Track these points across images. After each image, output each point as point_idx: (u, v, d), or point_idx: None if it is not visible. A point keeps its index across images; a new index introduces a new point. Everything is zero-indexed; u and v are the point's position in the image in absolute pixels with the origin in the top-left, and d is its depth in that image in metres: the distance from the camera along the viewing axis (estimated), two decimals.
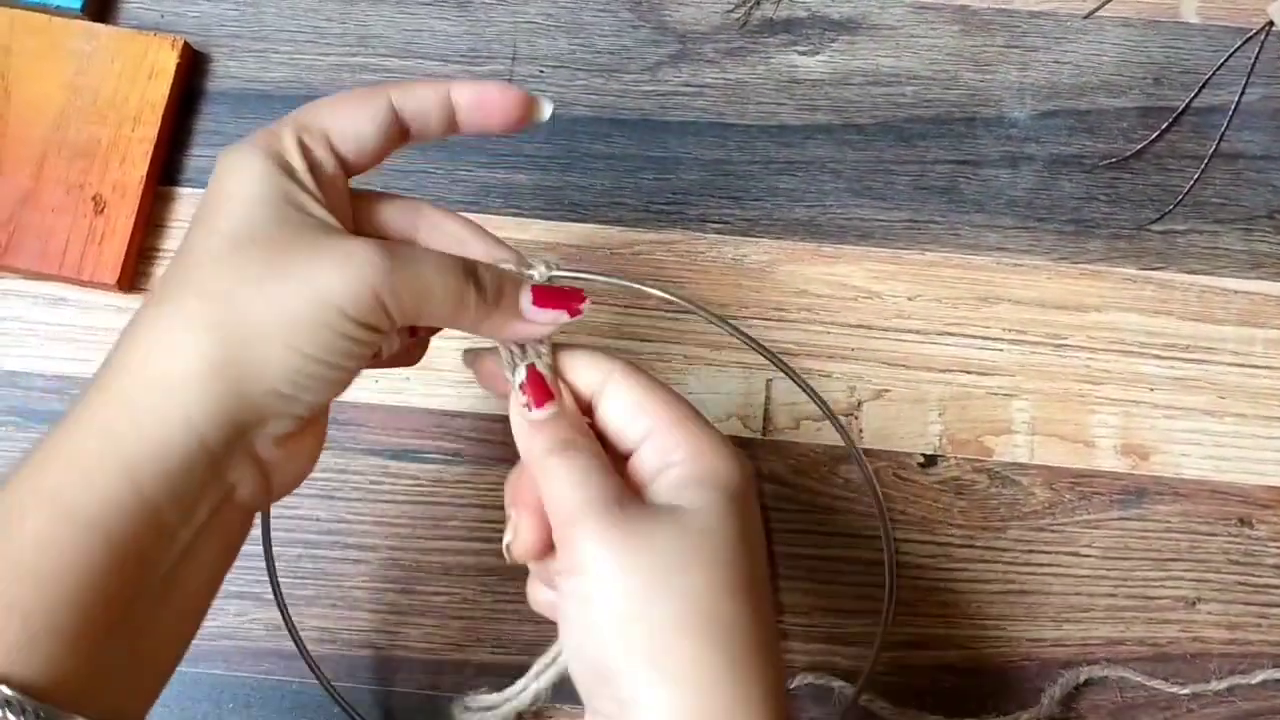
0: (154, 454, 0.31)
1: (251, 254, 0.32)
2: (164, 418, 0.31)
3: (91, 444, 0.31)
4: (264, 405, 0.32)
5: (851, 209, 0.52)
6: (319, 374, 0.33)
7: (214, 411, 0.31)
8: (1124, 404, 0.50)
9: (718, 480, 0.34)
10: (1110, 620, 0.48)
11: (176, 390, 0.31)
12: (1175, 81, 0.54)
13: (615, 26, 0.54)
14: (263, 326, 0.32)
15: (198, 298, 0.32)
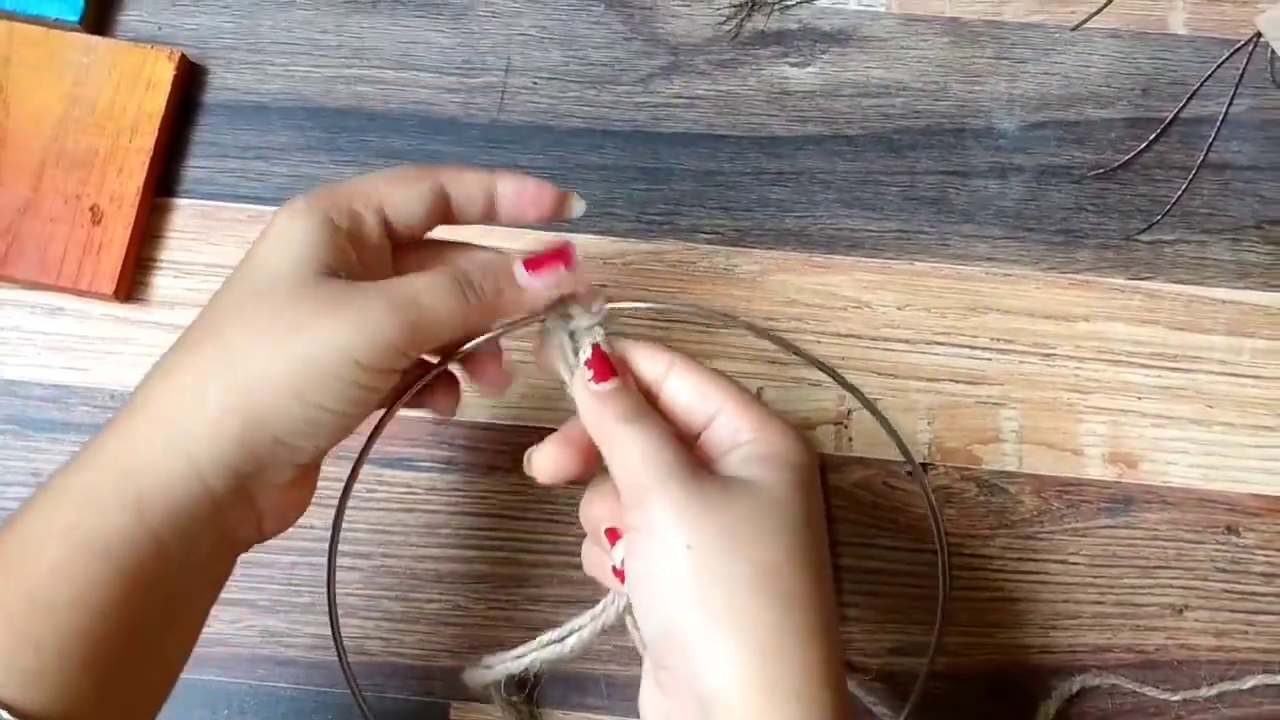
0: (163, 493, 0.33)
1: (271, 308, 0.34)
2: (173, 460, 0.33)
3: (106, 480, 0.33)
4: (267, 454, 0.34)
5: (842, 219, 0.53)
6: (325, 422, 0.35)
7: (219, 458, 0.33)
8: (1112, 413, 0.51)
9: (786, 459, 0.36)
10: (1098, 628, 0.49)
11: (186, 435, 0.33)
12: (1163, 92, 0.54)
13: (608, 39, 0.55)
14: (273, 378, 0.34)
15: (215, 347, 0.34)
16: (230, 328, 0.35)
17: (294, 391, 0.34)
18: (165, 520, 0.33)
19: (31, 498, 0.34)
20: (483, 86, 0.54)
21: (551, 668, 0.41)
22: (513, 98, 0.54)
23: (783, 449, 0.36)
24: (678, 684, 0.34)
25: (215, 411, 0.34)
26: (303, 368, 0.34)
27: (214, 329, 0.35)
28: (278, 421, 0.34)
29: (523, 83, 0.54)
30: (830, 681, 0.33)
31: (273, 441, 0.34)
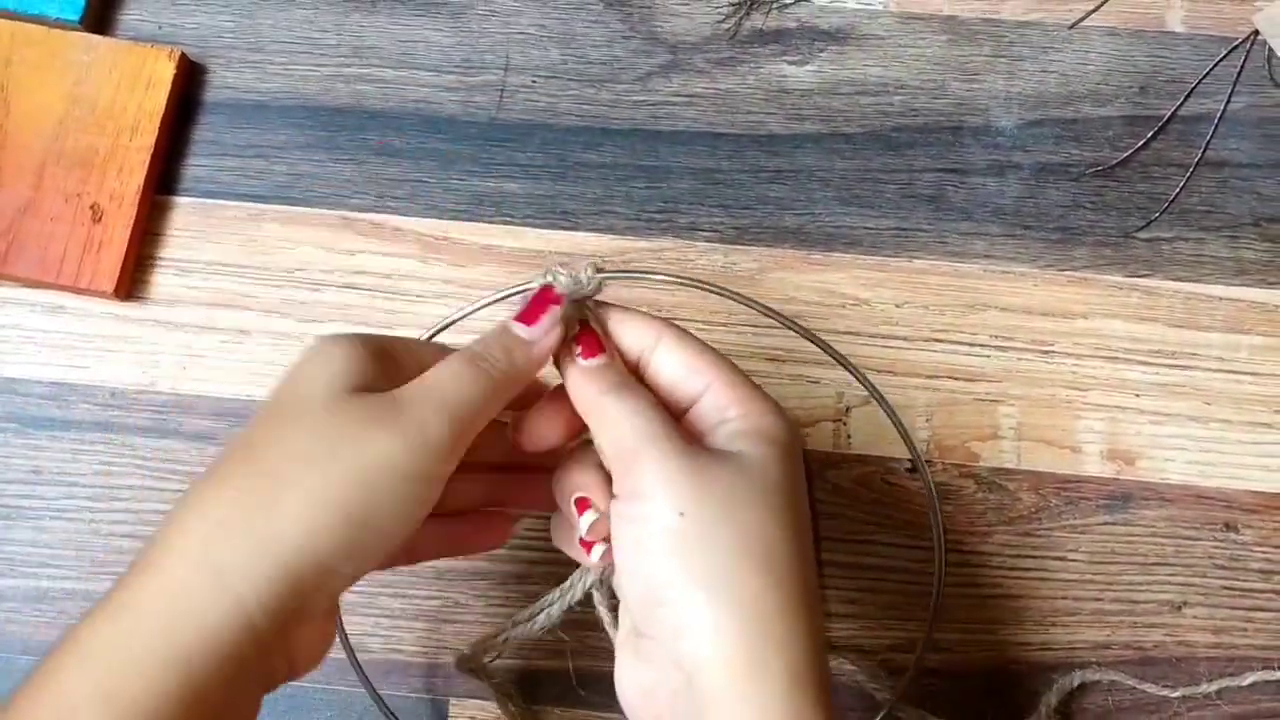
0: (207, 645, 0.31)
1: (309, 428, 0.33)
2: (221, 607, 0.31)
3: (144, 632, 0.31)
4: (314, 584, 0.32)
5: (840, 217, 0.53)
6: (372, 545, 0.33)
7: (267, 597, 0.31)
8: (1110, 410, 0.51)
9: (772, 435, 0.36)
10: (1097, 624, 0.49)
11: (231, 575, 0.31)
12: (1161, 90, 0.54)
13: (607, 37, 0.55)
14: (319, 504, 0.32)
15: (253, 476, 0.32)
16: (267, 456, 0.33)
17: (344, 514, 0.32)
18: (211, 674, 0.31)
19: (65, 648, 0.31)
20: (482, 85, 0.54)
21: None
22: (512, 96, 0.54)
23: (767, 425, 0.36)
24: (661, 652, 0.34)
25: (260, 546, 0.32)
26: (351, 488, 0.32)
27: (247, 458, 0.33)
28: (327, 548, 0.32)
29: (522, 81, 0.54)
30: (812, 652, 0.33)
31: (319, 570, 0.32)
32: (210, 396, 0.51)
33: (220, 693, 0.31)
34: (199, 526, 0.32)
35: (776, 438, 0.36)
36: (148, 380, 0.51)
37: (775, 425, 0.36)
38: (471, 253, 0.52)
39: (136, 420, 0.51)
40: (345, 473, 0.32)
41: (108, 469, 0.50)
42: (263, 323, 0.52)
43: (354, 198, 0.53)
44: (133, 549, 0.49)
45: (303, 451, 0.33)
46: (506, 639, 0.42)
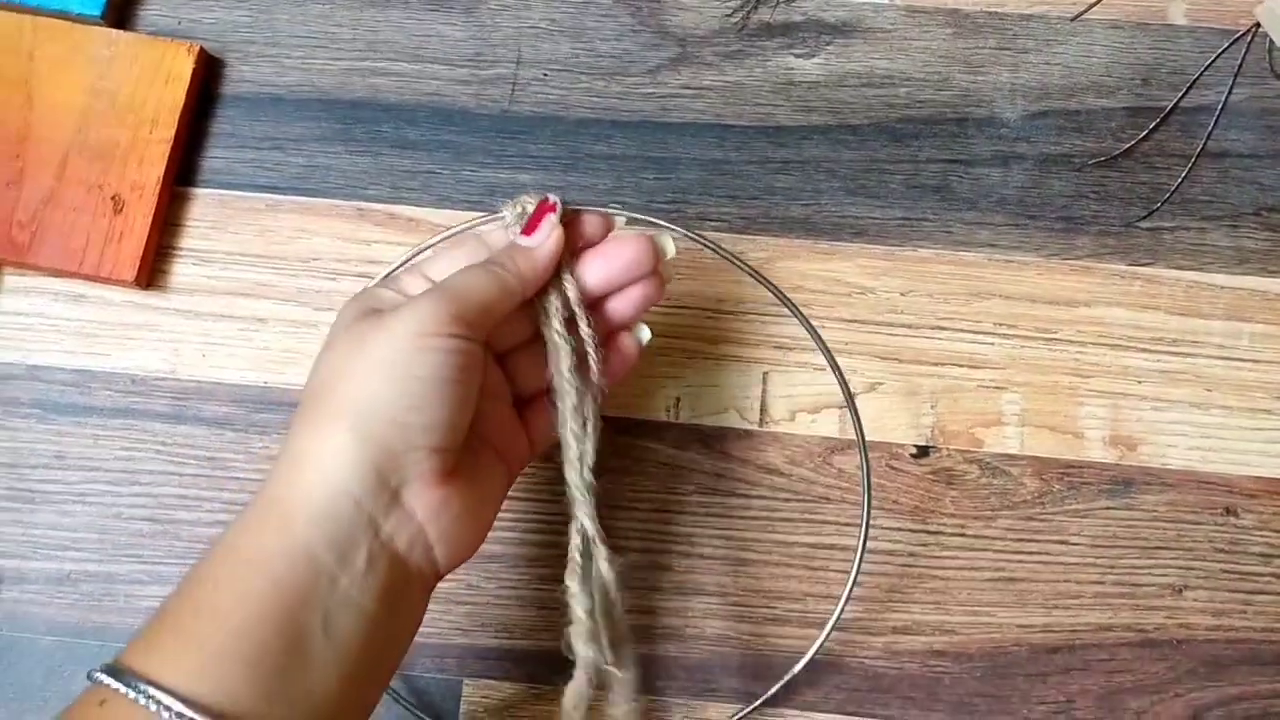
0: (309, 506, 0.36)
1: (344, 337, 0.39)
2: (308, 476, 0.37)
3: (258, 510, 0.37)
4: (392, 439, 0.37)
5: (846, 207, 0.54)
6: (423, 394, 0.38)
7: (349, 461, 0.37)
8: (1112, 396, 0.52)
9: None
10: (1098, 607, 0.50)
11: (310, 452, 0.37)
12: (1163, 82, 0.55)
13: (617, 31, 0.56)
14: (362, 374, 0.38)
15: (313, 391, 0.39)
16: (321, 373, 0.39)
17: (385, 376, 0.38)
18: (312, 531, 0.36)
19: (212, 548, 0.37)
20: (494, 78, 0.55)
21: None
22: (523, 89, 0.55)
23: None
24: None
25: (332, 425, 0.37)
26: (386, 356, 0.38)
27: (311, 383, 0.39)
28: (382, 404, 0.37)
29: (533, 74, 0.55)
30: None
31: (388, 424, 0.37)
32: (229, 383, 0.52)
33: (329, 552, 0.36)
34: (289, 437, 0.38)
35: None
36: (168, 367, 0.52)
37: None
38: None
39: (157, 406, 0.52)
40: (376, 349, 0.38)
41: (129, 454, 0.51)
42: (280, 311, 0.53)
43: (369, 189, 0.54)
44: (153, 532, 0.50)
45: (343, 358, 0.39)
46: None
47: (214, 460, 0.51)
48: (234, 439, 0.51)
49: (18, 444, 0.51)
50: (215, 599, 0.35)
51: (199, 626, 0.35)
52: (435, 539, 0.39)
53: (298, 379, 0.52)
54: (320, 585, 0.36)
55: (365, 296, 0.42)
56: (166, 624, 0.36)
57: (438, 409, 0.38)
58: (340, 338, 0.39)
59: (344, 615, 0.36)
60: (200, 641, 0.34)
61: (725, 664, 0.49)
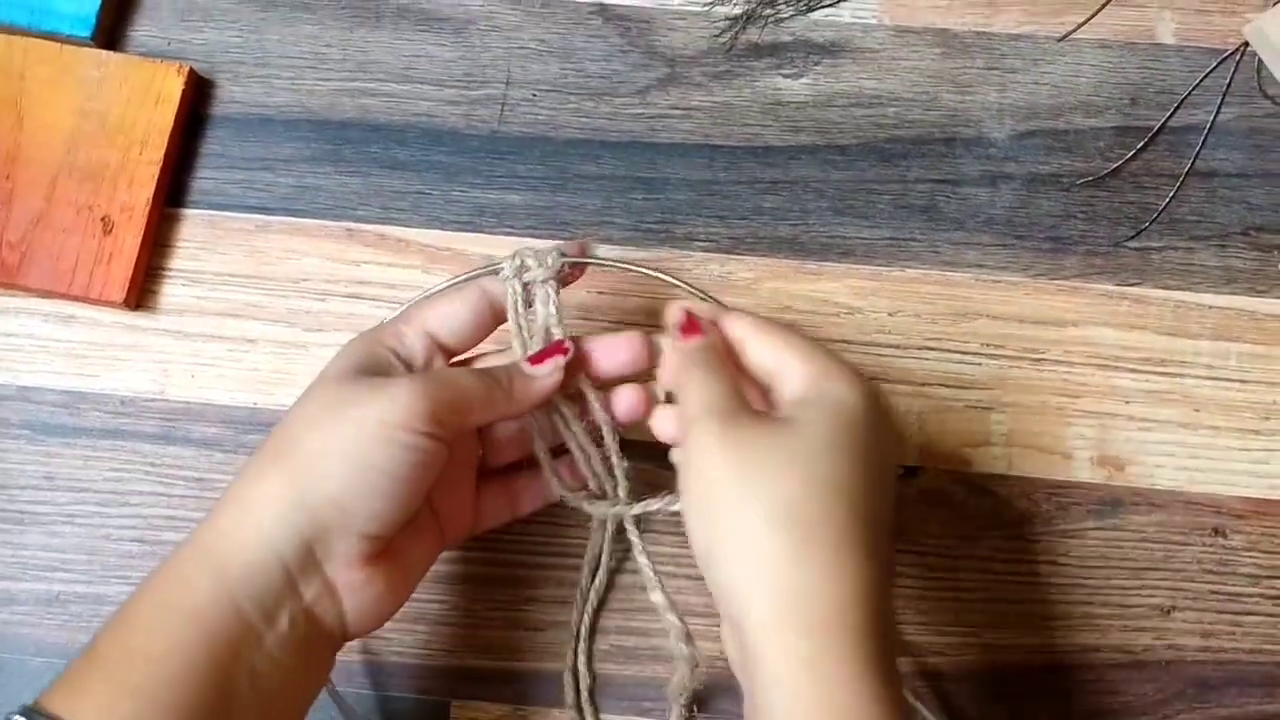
0: (239, 561, 0.37)
1: (320, 399, 0.40)
2: (245, 530, 0.38)
3: (193, 557, 0.38)
4: (328, 517, 0.38)
5: (834, 227, 0.54)
6: (374, 483, 0.38)
7: (282, 523, 0.38)
8: (1100, 416, 0.52)
9: (827, 398, 0.39)
10: (1086, 628, 0.50)
11: (254, 506, 0.38)
12: (1151, 101, 0.55)
13: (605, 51, 0.56)
14: (323, 449, 0.38)
15: (277, 439, 0.39)
16: (289, 423, 0.40)
17: (342, 454, 0.38)
18: (243, 587, 0.37)
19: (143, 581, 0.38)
20: (484, 99, 0.56)
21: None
22: (513, 109, 0.55)
23: (828, 390, 0.39)
24: (722, 610, 0.38)
25: (277, 485, 0.38)
26: (350, 435, 0.38)
27: (278, 429, 0.40)
28: (331, 484, 0.38)
29: (522, 95, 0.56)
30: (849, 615, 0.35)
31: (330, 504, 0.38)
32: (218, 404, 0.52)
33: (256, 610, 0.37)
34: (238, 484, 0.39)
35: (832, 400, 0.39)
36: (157, 388, 0.52)
37: (836, 389, 0.39)
38: (474, 263, 0.53)
39: (146, 427, 0.52)
40: (344, 425, 0.39)
41: (118, 475, 0.51)
42: (269, 332, 0.53)
43: (359, 209, 0.54)
44: (143, 553, 0.50)
45: (315, 415, 0.39)
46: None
47: (203, 481, 0.51)
48: (223, 460, 0.51)
49: (7, 465, 0.51)
50: (148, 646, 0.36)
51: (129, 674, 0.35)
52: (350, 610, 0.40)
53: (287, 400, 0.51)
54: (248, 640, 0.37)
55: (365, 344, 0.42)
56: (95, 667, 0.36)
57: (383, 502, 0.39)
58: (321, 392, 0.40)
59: (267, 670, 0.37)
60: (131, 689, 0.35)
61: (716, 684, 0.49)
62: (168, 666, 0.35)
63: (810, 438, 0.38)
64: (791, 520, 0.36)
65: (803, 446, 0.37)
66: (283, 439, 0.39)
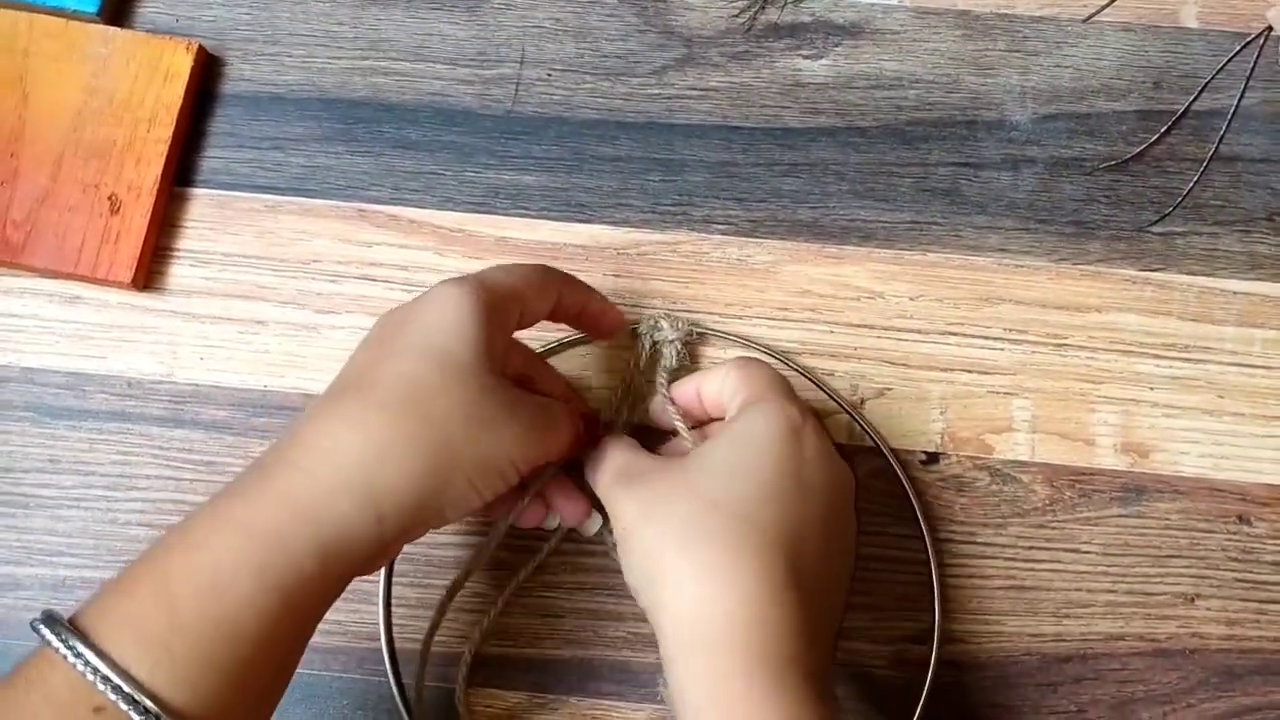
0: (347, 545, 0.37)
1: (467, 399, 0.39)
2: (362, 514, 0.37)
3: (295, 527, 0.36)
4: (431, 519, 0.39)
5: (855, 210, 0.53)
6: (471, 504, 0.40)
7: (401, 519, 0.38)
8: (1124, 403, 0.51)
9: (735, 427, 0.42)
10: (1110, 616, 0.49)
11: (378, 490, 0.37)
12: (1175, 85, 0.54)
13: (622, 31, 0.55)
14: (463, 466, 0.39)
15: (420, 418, 0.38)
16: (435, 404, 0.38)
17: (469, 477, 0.39)
18: (344, 567, 0.37)
19: (217, 527, 0.36)
20: (498, 78, 0.55)
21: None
22: (527, 89, 0.55)
23: (740, 419, 0.42)
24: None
25: (415, 478, 0.38)
26: (484, 459, 0.39)
27: (413, 398, 0.38)
28: (452, 496, 0.39)
29: (537, 75, 0.55)
30: (750, 632, 0.36)
31: (437, 509, 0.39)
32: (227, 387, 0.51)
33: (341, 585, 0.38)
34: (358, 446, 0.37)
35: (740, 429, 0.42)
36: (165, 370, 0.51)
37: (746, 418, 0.42)
38: (487, 245, 0.53)
39: (153, 410, 0.51)
40: (485, 450, 0.39)
41: (125, 459, 0.50)
42: (279, 314, 0.52)
43: (370, 190, 0.53)
44: (149, 538, 0.49)
45: (463, 417, 0.39)
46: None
47: (212, 465, 0.50)
48: (232, 443, 0.51)
49: (11, 448, 0.50)
50: (238, 621, 0.34)
51: (219, 649, 0.34)
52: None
53: (298, 383, 0.51)
54: (326, 606, 0.37)
55: (501, 314, 0.42)
56: (160, 606, 0.34)
57: (459, 516, 0.41)
58: (472, 383, 0.39)
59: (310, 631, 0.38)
60: (217, 666, 0.34)
61: None
62: (255, 647, 0.35)
63: (706, 463, 0.41)
64: (689, 539, 0.38)
65: (699, 471, 0.40)
66: (427, 419, 0.38)
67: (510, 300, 0.42)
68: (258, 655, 0.35)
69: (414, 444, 0.38)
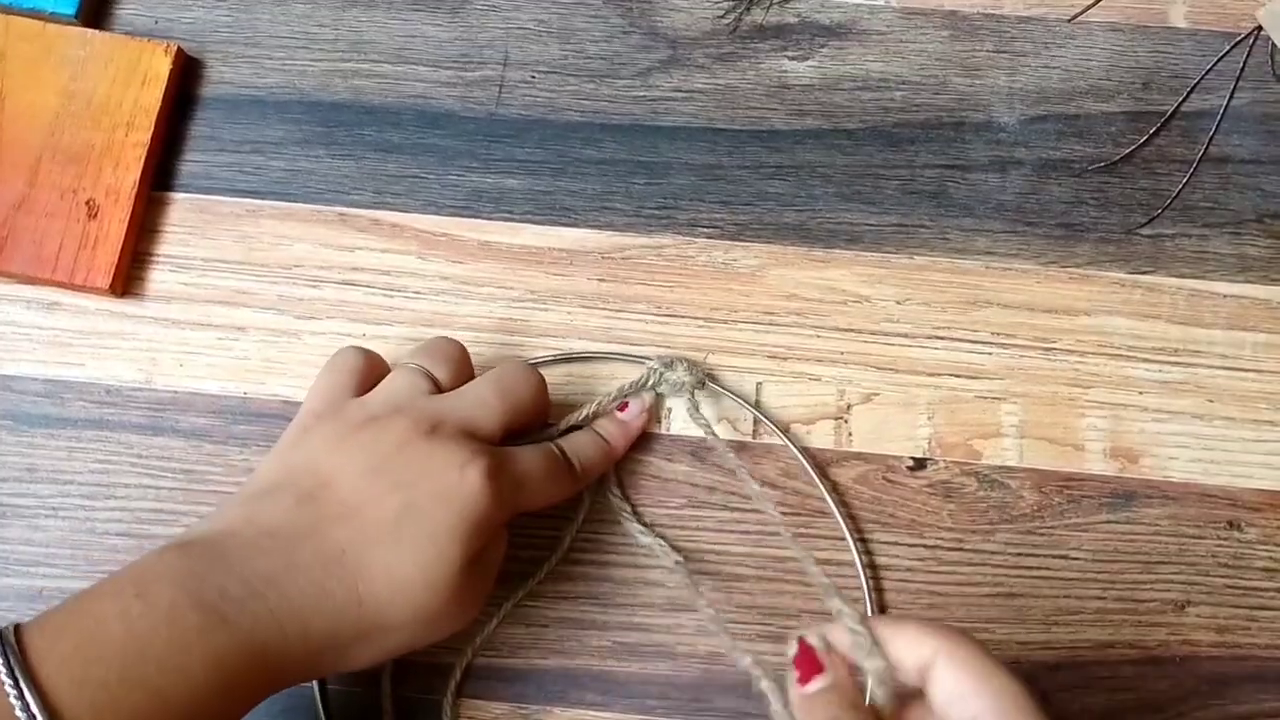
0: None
1: (431, 606, 0.39)
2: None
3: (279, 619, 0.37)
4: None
5: (841, 213, 0.52)
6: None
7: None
8: (1113, 407, 0.50)
9: (987, 692, 0.33)
10: (1099, 623, 0.49)
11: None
12: (1164, 86, 0.54)
13: (606, 32, 0.55)
14: (390, 649, 0.40)
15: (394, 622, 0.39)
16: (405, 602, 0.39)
17: (389, 653, 0.41)
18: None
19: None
20: (480, 80, 0.54)
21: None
22: (511, 91, 0.54)
23: (988, 683, 0.33)
24: None
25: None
26: (410, 645, 0.41)
27: (390, 595, 0.39)
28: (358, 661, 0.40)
29: (521, 76, 0.54)
30: None
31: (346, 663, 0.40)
32: (207, 394, 0.50)
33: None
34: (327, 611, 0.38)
35: (996, 692, 0.33)
36: (144, 377, 0.51)
37: (997, 682, 0.33)
38: (470, 249, 0.52)
39: (132, 418, 0.50)
40: (408, 640, 0.40)
41: (103, 467, 0.50)
42: (259, 319, 0.51)
43: (352, 194, 0.53)
44: (128, 547, 0.49)
45: (412, 627, 0.40)
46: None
47: (191, 473, 0.50)
48: (212, 451, 0.50)
49: None
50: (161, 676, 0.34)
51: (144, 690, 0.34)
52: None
53: (279, 389, 0.50)
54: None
55: (488, 530, 0.41)
56: (111, 651, 0.34)
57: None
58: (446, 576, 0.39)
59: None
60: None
61: (719, 682, 0.48)
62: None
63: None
64: None
65: None
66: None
67: (519, 508, 0.42)
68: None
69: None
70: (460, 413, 0.42)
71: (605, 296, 0.51)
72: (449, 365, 0.45)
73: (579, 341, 0.51)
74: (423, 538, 0.38)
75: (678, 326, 0.51)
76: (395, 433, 0.40)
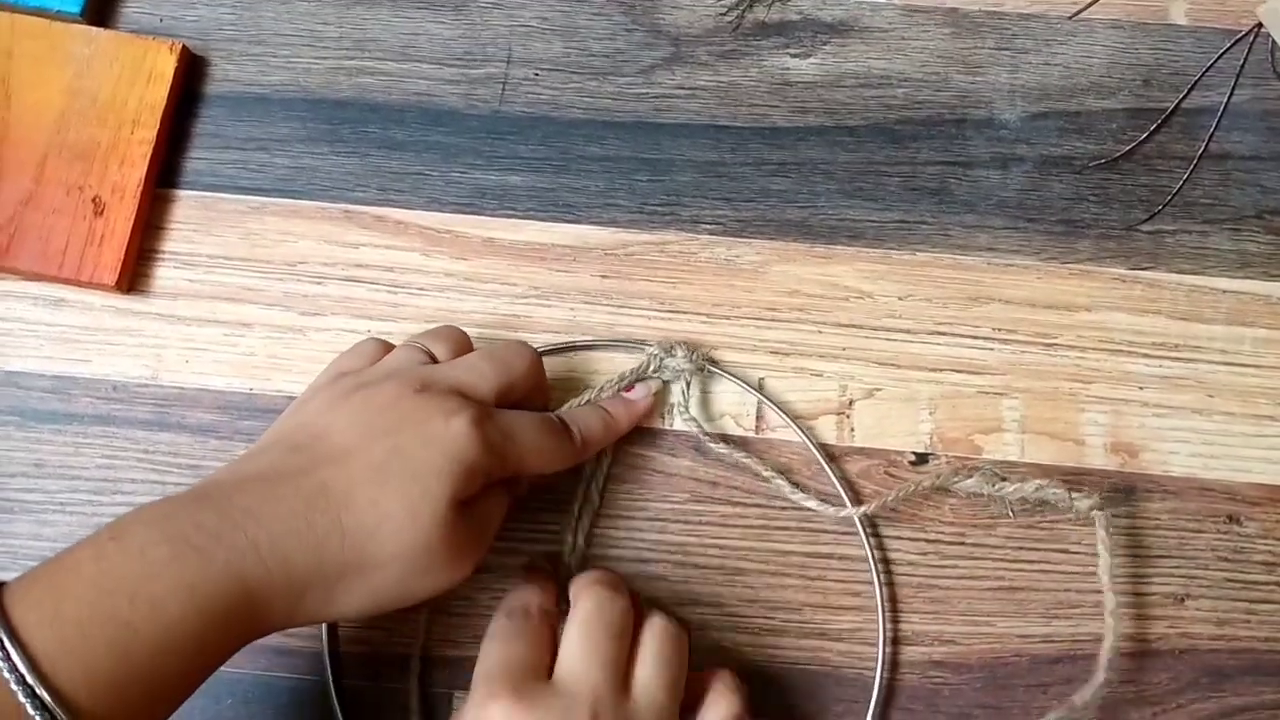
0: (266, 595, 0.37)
1: (419, 551, 0.40)
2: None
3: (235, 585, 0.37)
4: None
5: (843, 210, 0.53)
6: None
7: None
8: (1113, 402, 0.51)
9: None
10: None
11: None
12: (1164, 83, 0.54)
13: (609, 30, 0.55)
14: (384, 601, 0.40)
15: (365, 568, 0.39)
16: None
17: (379, 605, 0.41)
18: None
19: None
20: (484, 78, 0.54)
21: None
22: (514, 89, 0.54)
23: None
24: None
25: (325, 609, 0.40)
26: (404, 598, 0.41)
27: (378, 529, 0.39)
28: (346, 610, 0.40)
29: (524, 74, 0.54)
30: None
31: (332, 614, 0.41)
32: (213, 390, 0.51)
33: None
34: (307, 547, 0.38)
35: None
36: (150, 374, 0.51)
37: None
38: (474, 246, 0.52)
39: (139, 414, 0.51)
40: (405, 592, 0.40)
41: (110, 462, 0.50)
42: (265, 316, 0.52)
43: (356, 191, 0.53)
44: None
45: (402, 569, 0.39)
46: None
47: (197, 469, 0.50)
48: (218, 447, 0.50)
49: None
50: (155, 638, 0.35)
51: (126, 648, 0.34)
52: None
53: (284, 385, 0.51)
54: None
55: (480, 473, 0.41)
56: (97, 610, 0.34)
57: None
58: (434, 521, 0.39)
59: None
60: (146, 682, 0.35)
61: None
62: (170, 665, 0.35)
63: None
64: None
65: None
66: (356, 540, 0.38)
67: (511, 463, 0.43)
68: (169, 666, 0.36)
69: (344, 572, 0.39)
70: (452, 376, 0.43)
71: (608, 293, 0.52)
72: (449, 345, 0.45)
73: (582, 338, 0.51)
74: (408, 475, 0.39)
75: (681, 322, 0.51)
76: (387, 393, 0.41)
